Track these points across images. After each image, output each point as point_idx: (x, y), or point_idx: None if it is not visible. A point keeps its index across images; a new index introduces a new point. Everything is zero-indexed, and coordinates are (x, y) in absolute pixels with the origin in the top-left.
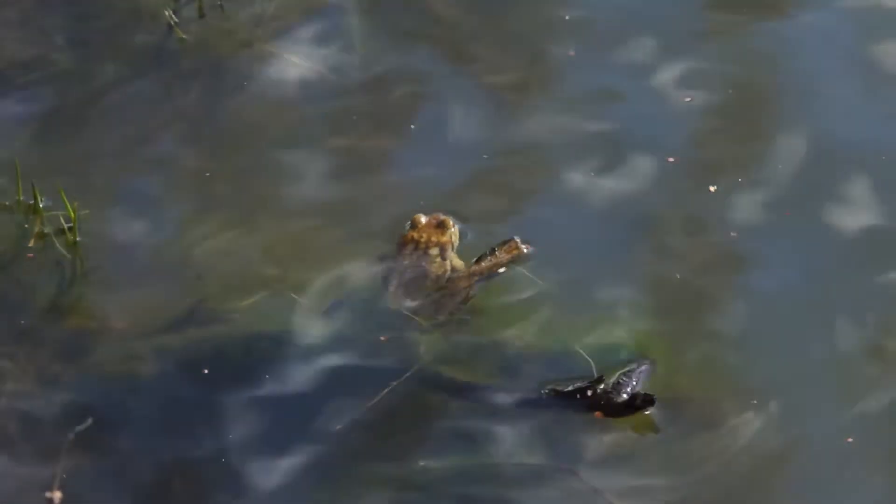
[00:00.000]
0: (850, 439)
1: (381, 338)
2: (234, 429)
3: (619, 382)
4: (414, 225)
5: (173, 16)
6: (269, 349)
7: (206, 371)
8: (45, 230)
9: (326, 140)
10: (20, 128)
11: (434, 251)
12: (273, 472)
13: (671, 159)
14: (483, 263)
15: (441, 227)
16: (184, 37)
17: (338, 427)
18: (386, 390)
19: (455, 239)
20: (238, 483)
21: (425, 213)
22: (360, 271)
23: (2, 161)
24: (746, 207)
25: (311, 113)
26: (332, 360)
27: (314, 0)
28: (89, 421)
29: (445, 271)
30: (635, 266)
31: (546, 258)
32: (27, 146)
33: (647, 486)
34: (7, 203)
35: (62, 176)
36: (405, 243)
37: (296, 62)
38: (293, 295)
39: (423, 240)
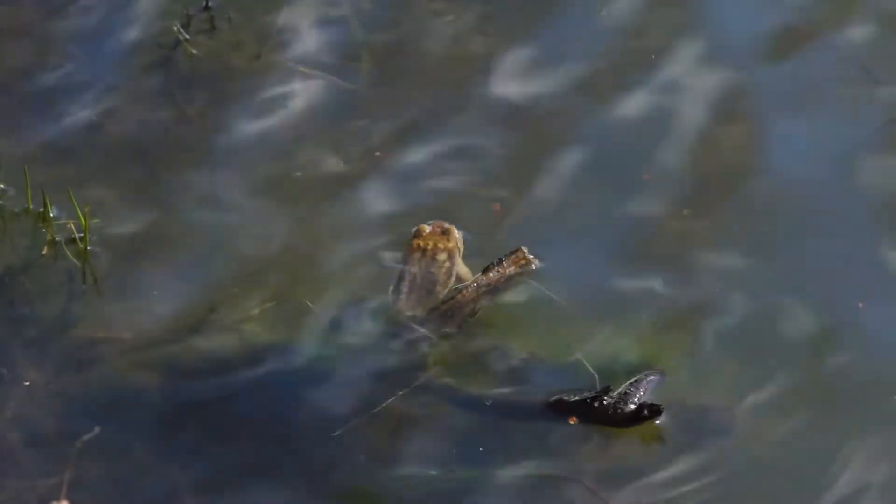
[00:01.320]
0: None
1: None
2: (240, 438)
3: (626, 392)
4: (419, 234)
5: (182, 31)
6: (276, 358)
7: (214, 380)
8: (56, 238)
9: (338, 149)
10: (29, 137)
11: (442, 256)
12: (278, 479)
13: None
14: (491, 274)
15: (446, 234)
16: (193, 52)
17: (343, 435)
18: (392, 399)
19: (461, 244)
20: (243, 488)
21: (428, 223)
22: (369, 281)
23: (11, 170)
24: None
25: (321, 122)
26: (339, 368)
27: (322, 10)
28: (96, 430)
29: (453, 277)
30: (644, 276)
31: (553, 268)
32: (36, 155)
33: (656, 496)
34: (17, 211)
35: (71, 185)
36: (412, 251)
37: (305, 72)
38: (306, 302)
39: (429, 247)
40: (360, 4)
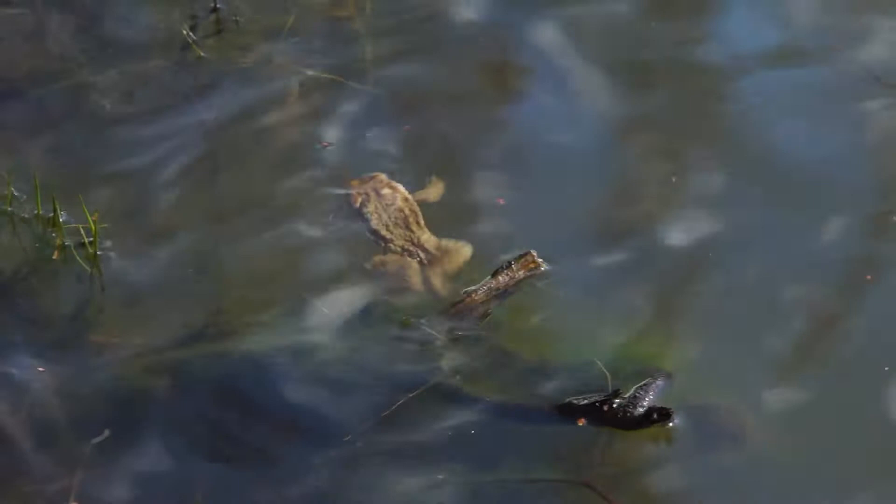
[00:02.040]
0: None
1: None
2: (249, 440)
3: (635, 396)
4: (354, 192)
5: (191, 33)
6: (285, 361)
7: (222, 383)
8: (66, 243)
9: (347, 150)
10: (38, 141)
11: (386, 191)
12: (288, 483)
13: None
14: (500, 278)
15: (372, 179)
16: (202, 54)
17: (354, 438)
18: (401, 401)
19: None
20: (253, 490)
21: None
22: (378, 283)
23: (21, 174)
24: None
25: (329, 124)
26: (349, 371)
27: (329, 12)
28: (107, 433)
29: (411, 200)
30: (652, 280)
31: (563, 272)
32: (45, 159)
33: (666, 499)
34: (27, 216)
35: (81, 190)
36: (356, 199)
37: (313, 74)
38: (316, 304)
39: (370, 189)
40: (364, 5)
